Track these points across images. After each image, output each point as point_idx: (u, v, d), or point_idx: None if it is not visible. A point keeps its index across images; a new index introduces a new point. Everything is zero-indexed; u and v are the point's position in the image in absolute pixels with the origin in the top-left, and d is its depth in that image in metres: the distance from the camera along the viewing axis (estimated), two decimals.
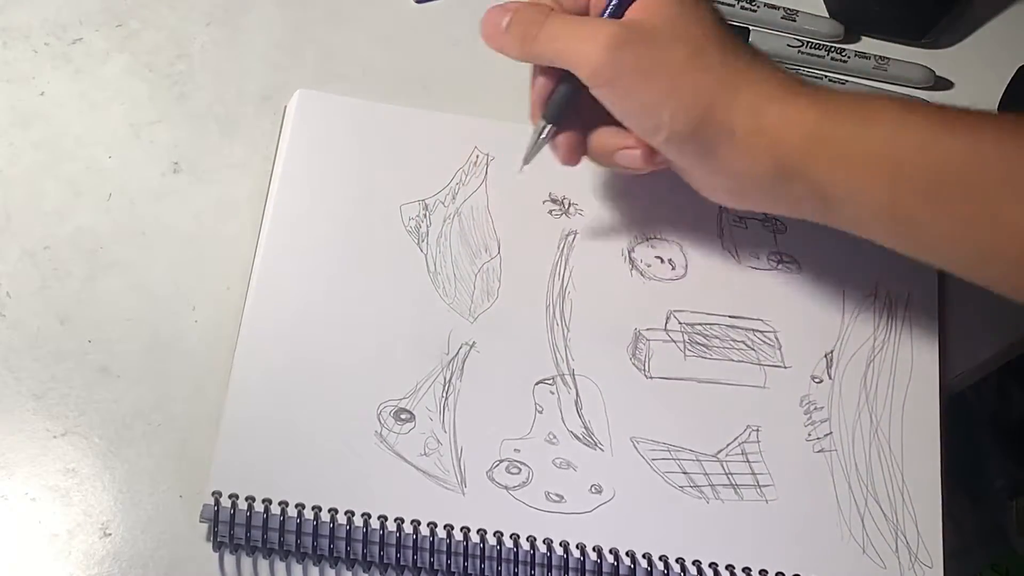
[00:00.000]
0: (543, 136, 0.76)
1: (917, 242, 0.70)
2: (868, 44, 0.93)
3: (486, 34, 0.75)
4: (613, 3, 0.71)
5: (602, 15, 0.72)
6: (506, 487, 0.74)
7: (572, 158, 0.77)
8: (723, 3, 0.93)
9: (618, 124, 0.73)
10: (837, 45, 0.92)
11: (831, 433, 0.77)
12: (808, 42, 0.92)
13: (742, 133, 0.69)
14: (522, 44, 0.73)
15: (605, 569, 0.72)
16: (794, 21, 0.92)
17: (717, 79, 0.69)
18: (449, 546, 0.72)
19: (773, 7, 0.93)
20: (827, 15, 0.94)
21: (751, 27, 0.92)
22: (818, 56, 0.91)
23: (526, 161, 0.77)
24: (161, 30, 0.87)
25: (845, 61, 0.91)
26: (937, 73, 0.92)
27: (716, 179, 0.73)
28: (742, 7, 0.93)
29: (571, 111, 0.75)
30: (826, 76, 0.91)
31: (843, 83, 0.90)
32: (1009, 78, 0.91)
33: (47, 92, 0.84)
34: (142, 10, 0.87)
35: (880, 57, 0.91)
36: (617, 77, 0.69)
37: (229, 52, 0.87)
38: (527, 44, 0.72)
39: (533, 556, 0.72)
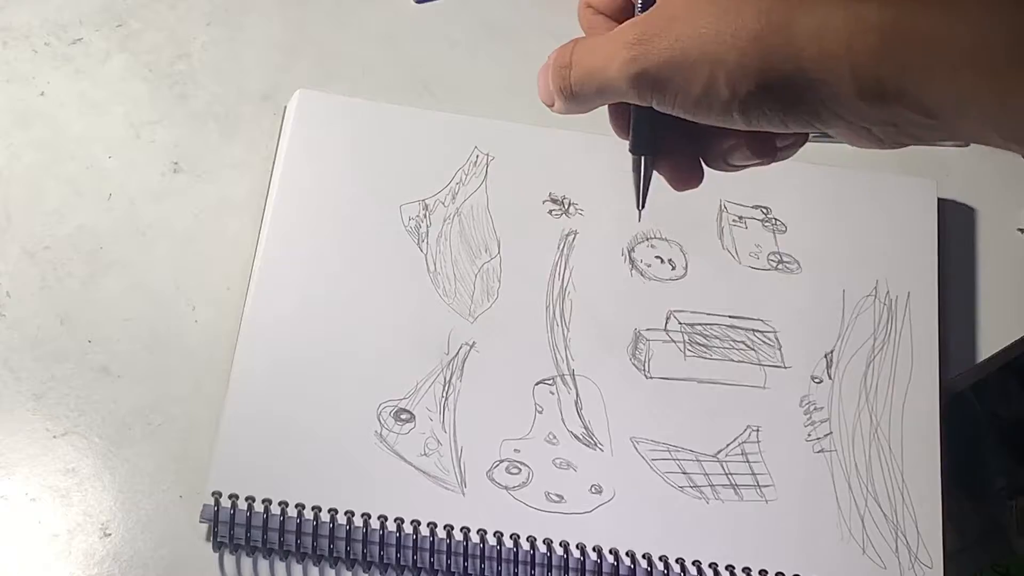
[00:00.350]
0: (642, 170, 0.64)
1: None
2: None
3: (544, 101, 0.62)
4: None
5: (636, 10, 0.60)
6: (506, 487, 0.74)
7: (685, 183, 0.64)
8: None
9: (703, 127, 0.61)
10: None
11: (831, 433, 0.77)
12: None
13: (815, 68, 0.55)
14: (567, 100, 0.61)
15: (605, 569, 0.72)
16: None
17: (758, 18, 0.56)
18: (449, 546, 0.72)
19: None
20: None
21: None
22: None
23: (639, 205, 0.65)
24: (161, 30, 0.87)
25: None
26: None
27: (836, 132, 0.59)
28: None
29: (660, 133, 0.64)
30: None
31: None
32: None
33: (47, 92, 0.84)
34: (142, 10, 0.88)
35: None
36: (658, 84, 0.57)
37: (229, 52, 0.87)
38: (573, 100, 0.61)
39: (533, 556, 0.72)
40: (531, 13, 0.91)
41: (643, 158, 0.63)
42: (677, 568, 0.73)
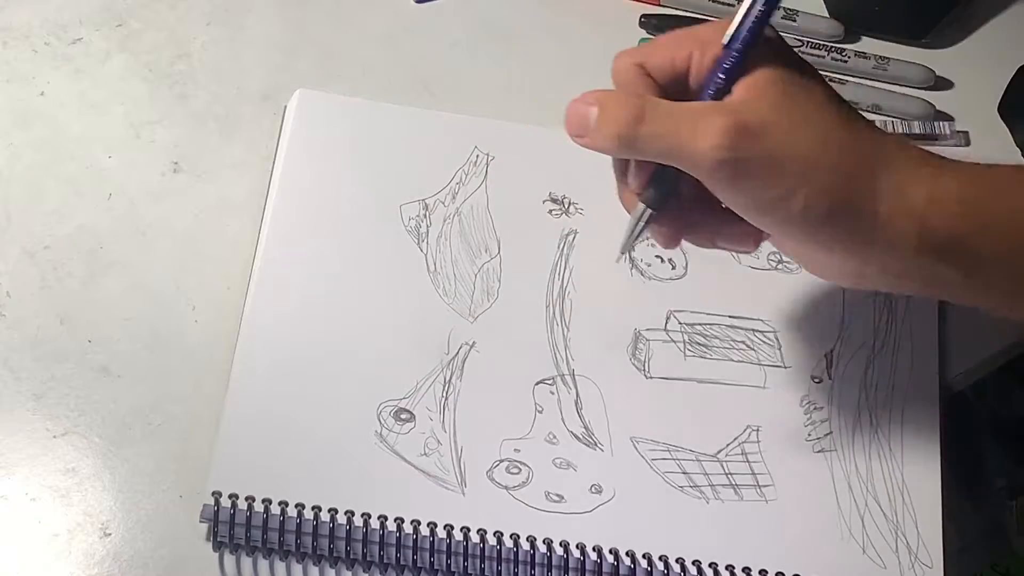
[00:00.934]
0: (643, 223, 0.69)
1: None
2: (868, 44, 0.93)
3: (572, 131, 0.67)
4: (718, 81, 0.65)
5: (703, 95, 0.65)
6: (506, 487, 0.74)
7: (672, 243, 0.71)
8: (722, 2, 0.93)
9: (718, 205, 0.68)
10: (837, 45, 0.92)
11: (831, 433, 0.77)
12: (808, 42, 0.92)
13: (885, 216, 0.63)
14: (619, 144, 0.65)
15: (605, 569, 0.72)
16: (794, 21, 0.92)
17: (851, 163, 0.63)
18: (449, 546, 0.72)
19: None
20: (827, 15, 0.94)
21: None
22: (818, 56, 0.91)
23: (623, 251, 0.71)
24: (161, 30, 0.87)
25: (845, 61, 0.91)
26: (937, 73, 0.92)
27: (842, 262, 0.67)
28: None
29: (673, 197, 0.69)
30: (826, 76, 0.90)
31: (843, 83, 0.90)
32: (1009, 78, 0.91)
33: (47, 92, 0.84)
34: (142, 10, 0.88)
35: (880, 57, 0.91)
36: (740, 174, 0.63)
37: (229, 52, 0.87)
38: (627, 144, 0.65)
39: (533, 556, 0.72)
40: (531, 13, 0.91)
41: (648, 212, 0.68)
42: (677, 568, 0.73)
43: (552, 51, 0.90)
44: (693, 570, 0.73)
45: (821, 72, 0.89)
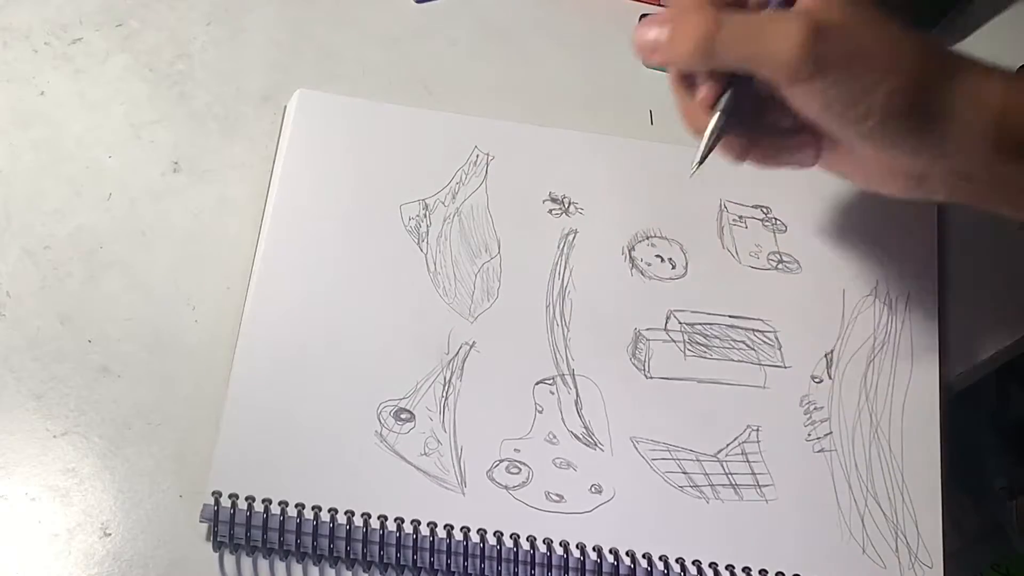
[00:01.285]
0: (718, 134, 0.70)
1: None
2: None
3: (644, 50, 0.69)
4: None
5: (771, 5, 0.69)
6: (506, 487, 0.74)
7: (743, 156, 0.73)
8: None
9: (776, 125, 0.72)
10: None
11: (831, 433, 0.77)
12: None
13: (963, 112, 0.66)
14: (696, 57, 0.67)
15: (605, 569, 0.72)
16: None
17: (927, 61, 0.66)
18: (449, 546, 0.72)
19: None
20: None
21: None
22: None
23: (700, 162, 0.71)
24: (161, 30, 0.87)
25: None
26: None
27: (909, 165, 0.70)
28: None
29: (743, 109, 0.71)
30: None
31: None
32: None
33: (47, 92, 0.84)
34: (142, 10, 0.88)
35: None
36: (820, 71, 0.65)
37: (229, 52, 0.87)
38: (704, 57, 0.67)
39: (533, 556, 0.72)
40: (531, 13, 0.91)
41: (722, 121, 0.70)
42: (677, 568, 0.73)
43: (552, 51, 0.90)
44: (693, 570, 0.73)
45: None
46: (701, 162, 0.71)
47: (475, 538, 0.72)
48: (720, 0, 0.69)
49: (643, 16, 0.92)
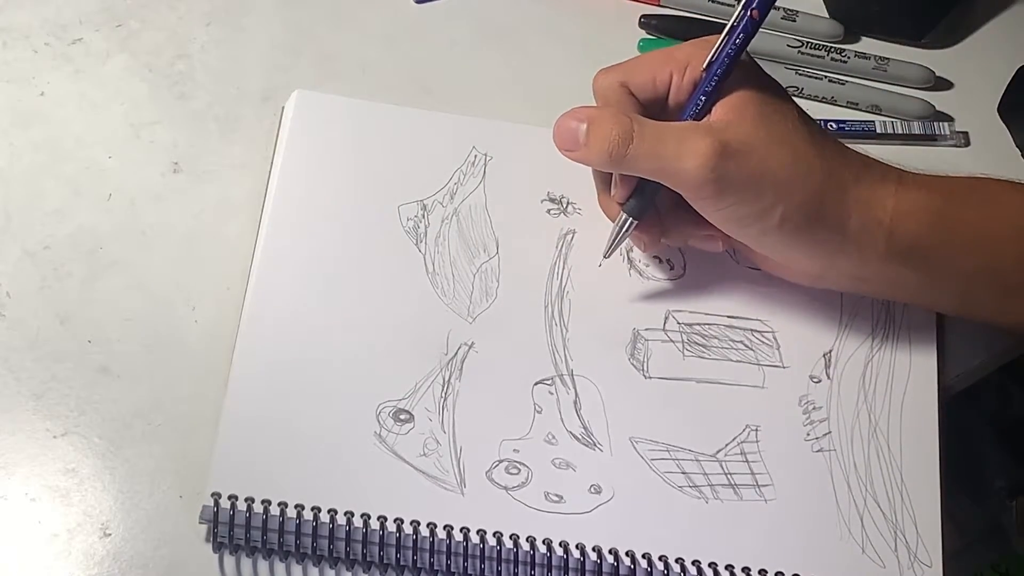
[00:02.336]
0: (625, 230, 0.77)
1: None
2: (868, 44, 0.94)
3: (562, 145, 0.74)
4: (699, 102, 0.72)
5: (684, 115, 0.73)
6: (505, 487, 0.74)
7: (651, 248, 0.80)
8: (722, 3, 0.93)
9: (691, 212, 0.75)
10: (837, 45, 0.93)
11: (830, 433, 0.77)
12: (808, 42, 0.92)
13: (855, 226, 0.71)
14: (609, 160, 0.72)
15: (604, 569, 0.72)
16: (794, 21, 0.92)
17: (823, 179, 0.71)
18: (448, 546, 0.72)
19: (773, 7, 0.93)
20: (827, 15, 0.94)
21: None
22: (818, 56, 0.91)
23: (606, 255, 0.79)
24: (161, 30, 0.87)
25: (845, 61, 0.91)
26: (937, 73, 0.92)
27: (807, 267, 0.76)
28: None
29: (652, 206, 0.77)
30: (826, 76, 0.91)
31: (843, 83, 0.90)
32: (1009, 78, 0.91)
33: (47, 92, 0.84)
34: (142, 10, 0.88)
35: (880, 57, 0.91)
36: (722, 192, 0.70)
37: (229, 52, 0.87)
38: (615, 161, 0.71)
39: (532, 556, 0.72)
40: (531, 13, 0.92)
41: (630, 221, 0.76)
42: (676, 568, 0.73)
43: (552, 51, 0.90)
44: (692, 570, 0.73)
45: (821, 72, 0.90)
46: (607, 255, 0.79)
47: (474, 539, 0.72)
48: (641, 94, 0.74)
49: (642, 17, 0.92)
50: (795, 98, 0.89)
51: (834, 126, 0.87)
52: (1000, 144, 0.90)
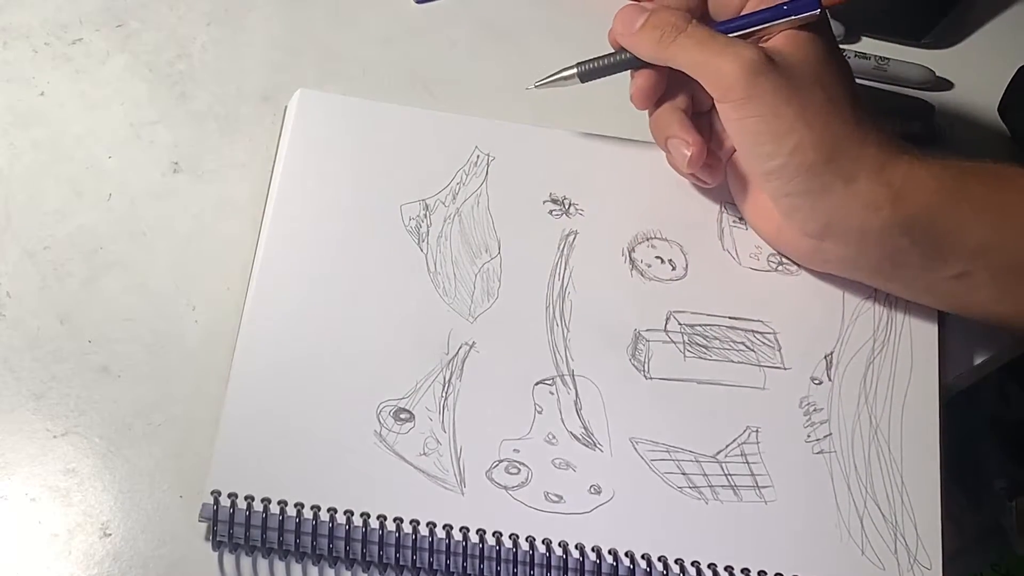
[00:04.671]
0: (567, 80, 0.81)
1: None
2: (868, 44, 0.94)
3: (617, 31, 0.78)
4: (763, 19, 0.75)
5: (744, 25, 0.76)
6: (505, 487, 0.74)
7: (644, 101, 0.80)
8: None
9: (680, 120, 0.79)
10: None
11: (830, 434, 0.77)
12: None
13: (864, 185, 0.72)
14: (656, 46, 0.75)
15: (604, 570, 0.72)
16: None
17: (848, 127, 0.72)
18: (448, 546, 0.72)
19: None
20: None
21: None
22: None
23: (539, 83, 0.82)
24: (161, 30, 0.87)
25: None
26: (937, 73, 0.92)
27: (809, 224, 0.76)
28: None
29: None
30: None
31: None
32: (1009, 78, 0.91)
33: (47, 92, 0.84)
34: (142, 10, 0.88)
35: (880, 57, 0.91)
36: (749, 99, 0.72)
37: (229, 52, 0.87)
38: (662, 47, 0.75)
39: (532, 556, 0.72)
40: (531, 13, 0.92)
41: (580, 69, 0.81)
42: (676, 568, 0.73)
43: (552, 51, 0.90)
44: (692, 571, 0.73)
45: None
46: (542, 83, 0.82)
47: (474, 538, 0.72)
48: (700, 11, 0.78)
49: None
50: None
51: None
52: (1000, 144, 0.90)
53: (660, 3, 0.78)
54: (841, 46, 0.91)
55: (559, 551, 0.72)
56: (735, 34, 0.75)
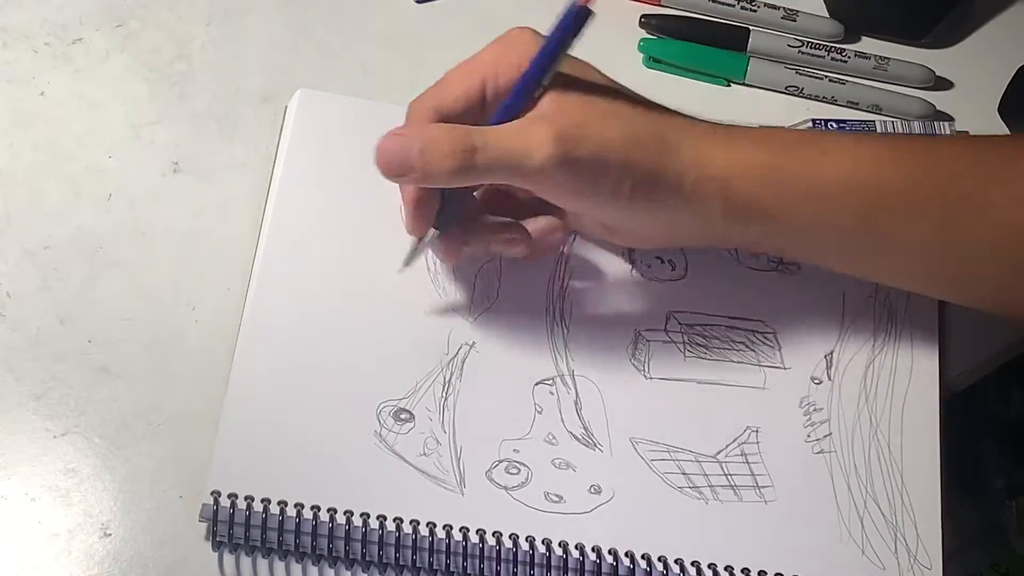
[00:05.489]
0: (425, 241, 0.76)
1: (885, 257, 0.75)
2: (868, 44, 0.94)
3: (392, 171, 0.71)
4: (523, 97, 0.71)
5: (508, 114, 0.71)
6: (505, 487, 0.74)
7: (453, 257, 0.78)
8: (723, 3, 0.93)
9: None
10: (837, 45, 0.92)
11: (830, 434, 0.77)
12: (808, 42, 0.92)
13: (691, 185, 0.71)
14: (457, 175, 0.69)
15: (604, 569, 0.72)
16: (794, 21, 0.92)
17: (658, 145, 0.71)
18: (448, 546, 0.72)
19: (773, 7, 0.93)
20: (827, 15, 0.94)
21: (751, 27, 0.92)
22: (818, 56, 0.91)
23: (407, 263, 0.77)
24: (161, 30, 0.87)
25: (845, 61, 0.91)
26: (937, 73, 0.92)
27: (656, 230, 0.76)
28: (742, 7, 0.93)
29: (456, 217, 0.76)
30: (826, 76, 0.91)
31: (843, 83, 0.90)
32: (1009, 78, 0.91)
33: (47, 92, 0.84)
34: (142, 10, 0.87)
35: (880, 57, 0.91)
36: (573, 176, 0.70)
37: (229, 52, 0.87)
38: (465, 174, 0.69)
39: (532, 556, 0.72)
40: (531, 13, 0.91)
41: (435, 232, 0.75)
42: (676, 568, 0.73)
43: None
44: (692, 571, 0.73)
45: (821, 72, 0.90)
46: (408, 263, 0.77)
47: (474, 538, 0.72)
48: (455, 112, 0.72)
49: (642, 17, 0.92)
50: (796, 98, 0.90)
51: (834, 126, 0.87)
52: None
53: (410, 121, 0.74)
54: (841, 46, 0.92)
55: (559, 551, 0.72)
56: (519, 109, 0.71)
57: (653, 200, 0.71)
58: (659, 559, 0.73)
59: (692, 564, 0.73)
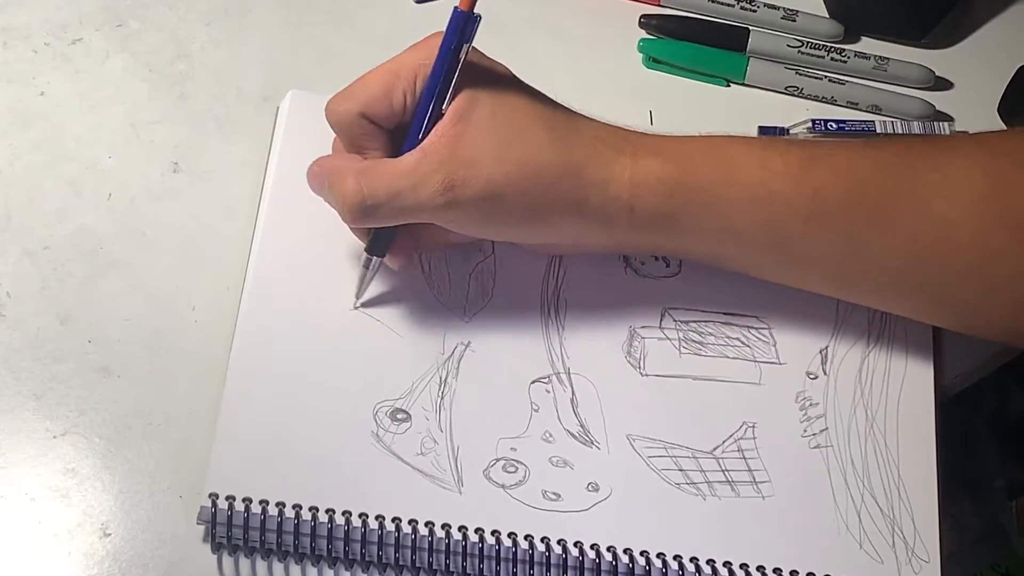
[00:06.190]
0: (374, 270, 0.77)
1: (792, 268, 0.77)
2: (868, 44, 0.94)
3: (317, 192, 0.75)
4: (423, 121, 0.71)
5: (411, 135, 0.72)
6: (503, 486, 0.74)
7: (407, 266, 0.78)
8: (722, 3, 0.93)
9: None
10: (837, 45, 0.93)
11: (827, 429, 0.77)
12: (808, 42, 0.92)
13: (595, 207, 0.72)
14: (359, 219, 0.72)
15: (603, 567, 0.72)
16: (794, 21, 0.93)
17: (559, 172, 0.71)
18: (447, 545, 0.72)
19: (773, 7, 0.93)
20: (827, 15, 0.94)
21: (751, 27, 0.92)
22: (818, 56, 0.91)
23: (359, 296, 0.78)
24: (161, 30, 0.87)
25: (845, 61, 0.91)
26: (937, 73, 0.92)
27: (564, 244, 0.77)
28: (742, 7, 0.93)
29: (393, 239, 0.76)
30: (826, 76, 0.91)
31: (843, 83, 0.90)
32: (1009, 78, 0.91)
33: (47, 92, 0.84)
34: (142, 10, 0.88)
35: (880, 57, 0.92)
36: (461, 213, 0.71)
37: (229, 52, 0.87)
38: (365, 218, 0.72)
39: (531, 555, 0.72)
40: (531, 13, 0.92)
41: (375, 258, 0.76)
42: (675, 565, 0.73)
43: (552, 51, 0.90)
44: (691, 567, 0.73)
45: (821, 72, 0.90)
46: (359, 296, 0.78)
47: (472, 537, 0.72)
48: (384, 123, 0.73)
49: (642, 17, 0.92)
50: (795, 98, 0.90)
51: (834, 126, 0.87)
52: None
53: (338, 138, 0.76)
54: (841, 46, 0.92)
55: (558, 549, 0.72)
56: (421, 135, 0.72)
57: (552, 224, 0.73)
58: (657, 556, 0.73)
59: (691, 560, 0.73)
